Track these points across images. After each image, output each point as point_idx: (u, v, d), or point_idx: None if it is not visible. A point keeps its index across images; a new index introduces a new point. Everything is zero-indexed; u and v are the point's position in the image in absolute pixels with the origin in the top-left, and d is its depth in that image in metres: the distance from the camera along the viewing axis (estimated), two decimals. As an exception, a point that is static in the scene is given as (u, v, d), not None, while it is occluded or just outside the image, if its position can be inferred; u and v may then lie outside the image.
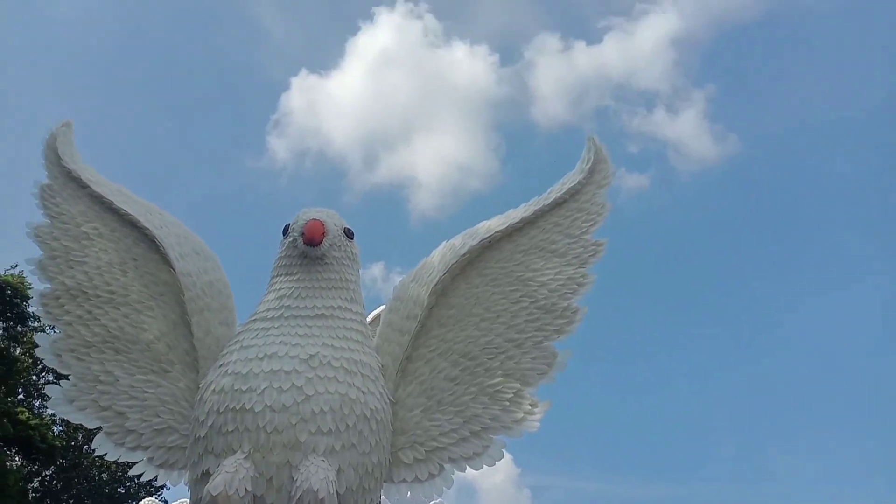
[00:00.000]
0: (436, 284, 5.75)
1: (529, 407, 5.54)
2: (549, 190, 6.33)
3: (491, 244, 5.99)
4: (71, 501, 35.68)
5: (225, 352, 5.32)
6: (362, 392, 5.10)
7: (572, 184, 6.24)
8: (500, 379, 5.63)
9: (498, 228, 5.99)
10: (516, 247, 6.05)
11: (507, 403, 5.57)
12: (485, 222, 6.14)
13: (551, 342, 5.72)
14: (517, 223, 6.05)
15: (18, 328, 29.78)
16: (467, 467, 5.45)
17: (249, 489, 4.49)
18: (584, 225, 6.14)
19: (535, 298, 5.83)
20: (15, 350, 31.68)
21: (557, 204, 6.20)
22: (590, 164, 6.34)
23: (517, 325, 5.76)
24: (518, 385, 5.60)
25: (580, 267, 5.96)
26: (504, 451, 5.51)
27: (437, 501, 7.34)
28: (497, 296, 5.87)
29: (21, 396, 34.02)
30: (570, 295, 5.85)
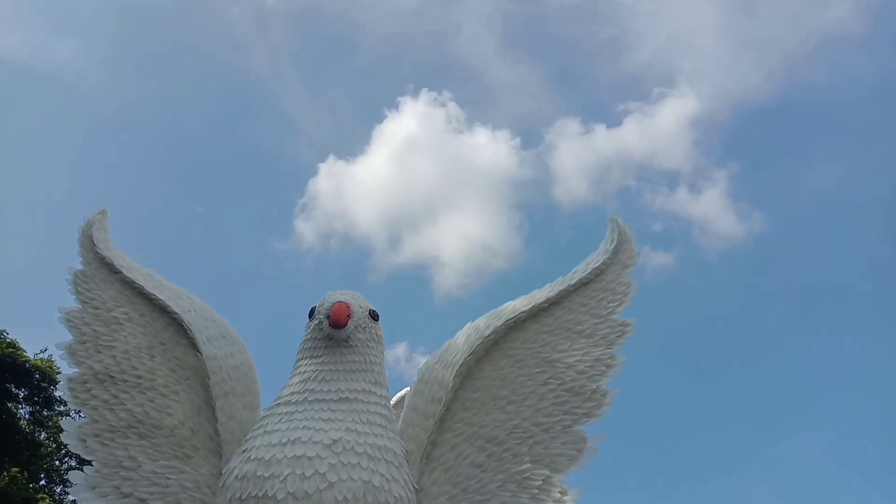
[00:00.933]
0: (460, 366, 5.69)
1: (559, 495, 5.36)
2: (573, 270, 6.33)
3: (516, 325, 5.95)
4: None
5: (248, 436, 5.27)
6: (386, 479, 4.99)
7: (597, 264, 6.25)
8: (528, 465, 5.47)
9: (523, 309, 5.96)
10: (542, 327, 6.00)
11: (536, 491, 5.39)
12: (510, 303, 6.12)
13: (580, 426, 5.59)
14: (542, 303, 6.03)
15: (44, 412, 29.81)
16: None
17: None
18: (610, 305, 6.11)
19: (562, 380, 5.73)
20: (40, 434, 31.65)
21: (583, 284, 6.18)
22: (614, 245, 6.36)
23: (545, 408, 5.64)
24: (547, 472, 5.44)
25: (608, 348, 5.89)
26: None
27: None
28: (523, 378, 5.78)
29: (43, 482, 33.73)
30: (598, 377, 5.75)
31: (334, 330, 5.49)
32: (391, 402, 5.98)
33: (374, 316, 5.79)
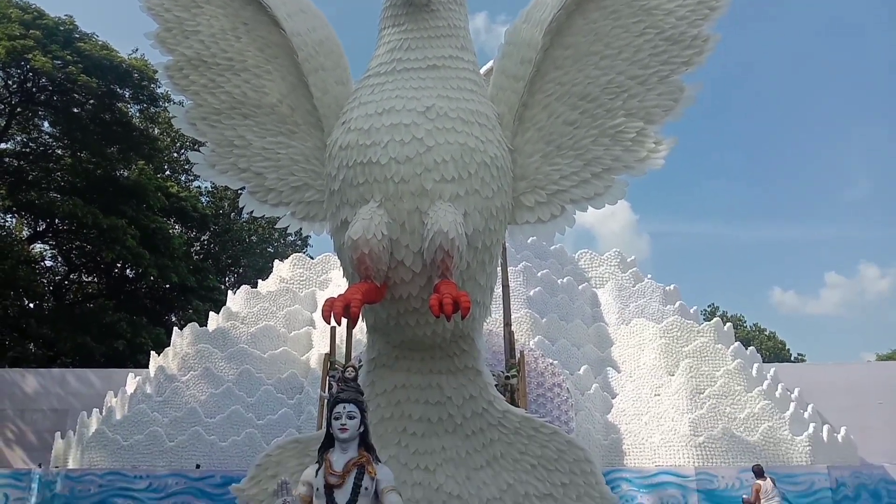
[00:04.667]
0: (550, 23, 5.42)
1: (653, 145, 5.40)
2: None
3: None
4: (229, 261, 40.46)
5: (345, 109, 5.43)
6: (481, 141, 5.14)
7: None
8: (622, 119, 5.46)
9: None
10: None
11: (630, 143, 5.46)
12: None
13: (678, 75, 5.39)
14: None
15: (151, 109, 31.64)
16: (589, 207, 5.54)
17: (385, 233, 4.83)
18: None
19: (660, 29, 5.39)
20: (153, 130, 34.08)
21: None
22: None
23: (641, 60, 5.42)
24: (641, 124, 5.42)
25: None
26: (626, 189, 5.52)
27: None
28: (618, 30, 5.47)
29: (168, 173, 37.29)
30: (700, 21, 5.36)
31: None
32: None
33: None
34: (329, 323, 4.76)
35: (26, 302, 30.60)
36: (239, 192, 6.19)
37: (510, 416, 5.81)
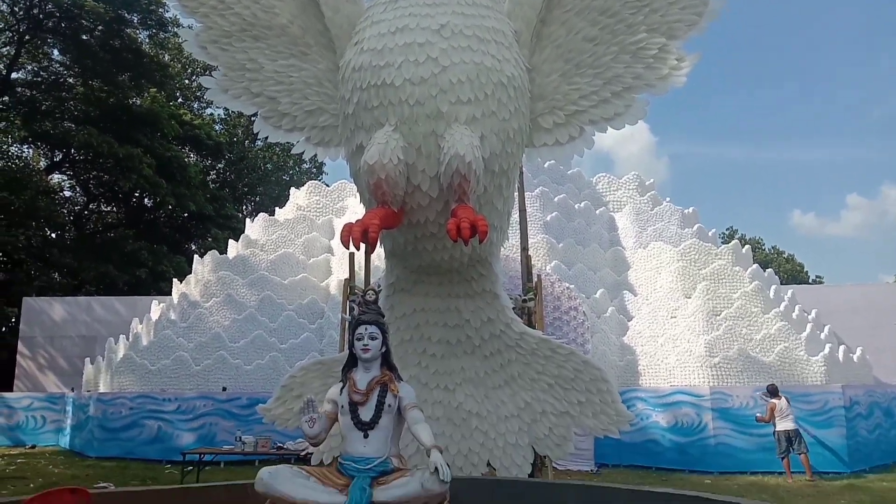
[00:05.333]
0: None
1: (675, 62, 5.22)
2: None
3: None
4: (245, 190, 40.56)
5: (357, 29, 5.27)
6: (497, 60, 4.98)
7: None
8: (643, 35, 5.27)
9: None
10: None
11: (651, 60, 5.28)
12: None
13: None
14: None
15: (161, 35, 31.08)
16: (608, 128, 5.43)
17: (402, 157, 4.76)
18: None
19: None
20: (163, 57, 33.58)
21: None
22: None
23: None
24: (663, 39, 5.23)
25: None
26: (646, 109, 5.39)
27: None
28: None
29: (180, 100, 36.97)
30: None
31: None
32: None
33: None
34: (348, 248, 4.77)
35: (48, 232, 31.07)
36: (252, 118, 6.12)
37: (527, 338, 5.89)
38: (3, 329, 28.27)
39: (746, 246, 18.90)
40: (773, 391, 12.49)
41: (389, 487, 3.53)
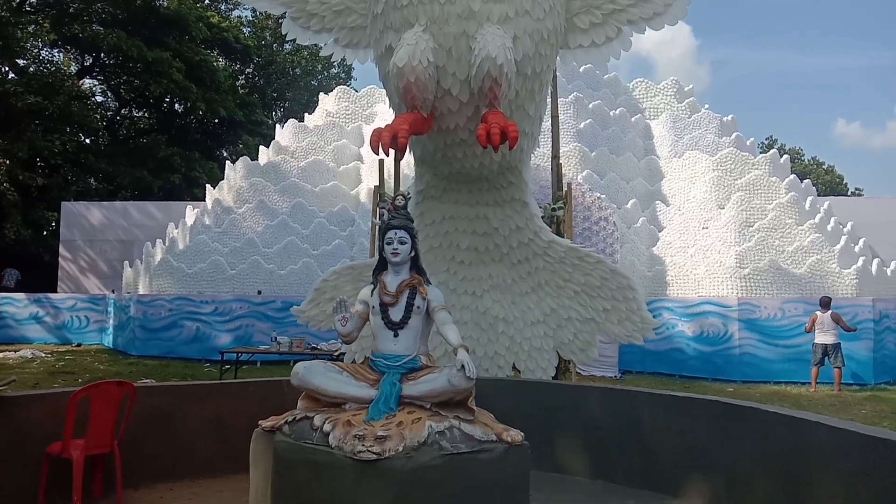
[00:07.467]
0: None
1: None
2: None
3: None
4: (274, 95, 40.18)
5: None
6: None
7: None
8: None
9: None
10: None
11: None
12: None
13: None
14: None
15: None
16: (647, 28, 5.21)
17: (432, 59, 4.63)
18: None
19: None
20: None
21: None
22: None
23: None
24: None
25: None
26: (687, 8, 5.14)
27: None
28: None
29: (207, 1, 36.19)
30: None
31: None
32: None
33: None
34: (377, 153, 4.74)
35: (82, 137, 31.38)
36: (280, 19, 5.98)
37: (555, 246, 5.91)
38: (45, 233, 29.12)
39: (785, 156, 18.39)
40: (824, 304, 12.33)
41: (418, 383, 3.67)
